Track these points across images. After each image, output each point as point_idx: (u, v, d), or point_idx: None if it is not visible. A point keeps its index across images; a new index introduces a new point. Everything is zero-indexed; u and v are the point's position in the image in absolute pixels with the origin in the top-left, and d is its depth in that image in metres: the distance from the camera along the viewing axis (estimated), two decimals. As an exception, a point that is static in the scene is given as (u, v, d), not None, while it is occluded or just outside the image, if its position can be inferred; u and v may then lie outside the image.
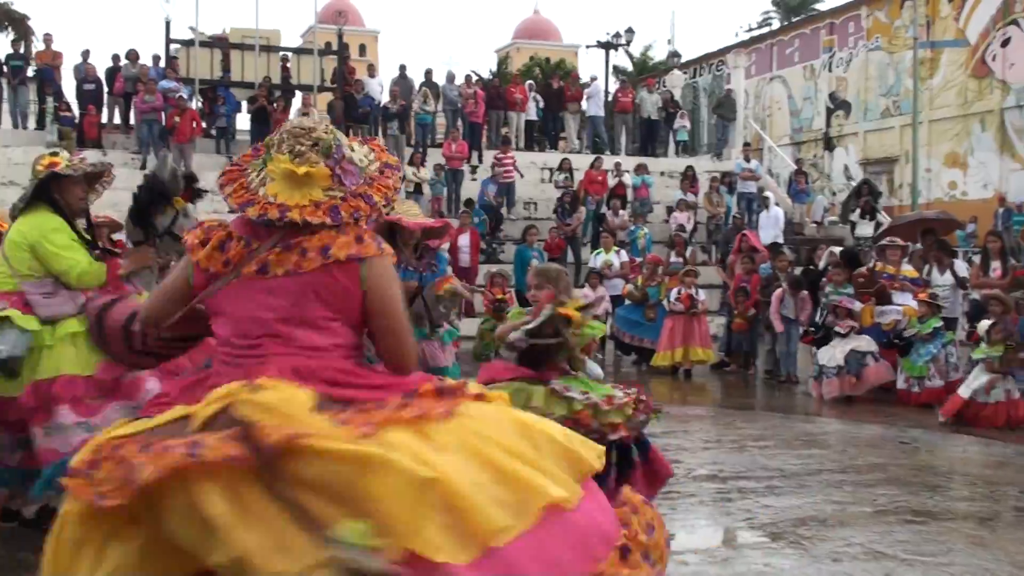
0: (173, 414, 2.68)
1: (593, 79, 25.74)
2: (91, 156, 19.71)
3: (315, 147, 3.02)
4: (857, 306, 11.43)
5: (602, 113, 24.19)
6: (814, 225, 22.62)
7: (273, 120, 20.77)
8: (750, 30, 44.43)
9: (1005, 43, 26.13)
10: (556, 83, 25.20)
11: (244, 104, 21.80)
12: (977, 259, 12.71)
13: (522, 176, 20.67)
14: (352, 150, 3.14)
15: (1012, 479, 7.41)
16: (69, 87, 21.56)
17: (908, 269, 12.05)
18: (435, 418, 2.66)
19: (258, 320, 2.89)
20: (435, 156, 20.78)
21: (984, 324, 9.79)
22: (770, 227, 19.16)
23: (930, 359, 10.77)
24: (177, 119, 19.29)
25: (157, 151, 19.74)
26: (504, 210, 20.29)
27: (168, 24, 22.82)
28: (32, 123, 22.10)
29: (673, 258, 15.96)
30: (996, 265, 12.00)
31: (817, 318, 12.08)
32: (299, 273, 2.89)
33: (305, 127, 3.08)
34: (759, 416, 10.52)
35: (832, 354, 11.21)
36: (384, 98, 22.19)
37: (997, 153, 26.25)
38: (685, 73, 32.84)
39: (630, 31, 37.28)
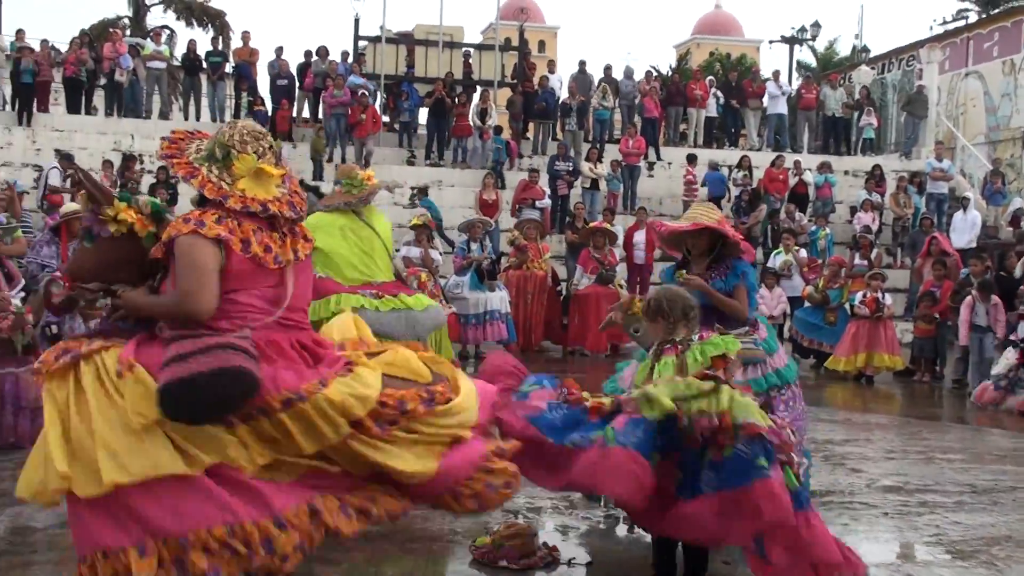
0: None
1: (776, 74, 25.08)
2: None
3: (271, 149, 3.55)
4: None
5: (785, 111, 23.56)
6: (1009, 229, 21.41)
7: (452, 114, 21.21)
8: (944, 23, 42.40)
9: None
10: (734, 80, 24.70)
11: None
12: None
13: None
14: None
15: None
16: (263, 83, 22.53)
17: None
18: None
19: (303, 295, 3.61)
20: (612, 152, 20.72)
21: None
22: (966, 230, 18.20)
23: None
24: (363, 116, 19.89)
25: (343, 145, 20.45)
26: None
27: (357, 21, 23.57)
28: (228, 117, 23.20)
29: (857, 260, 15.41)
30: None
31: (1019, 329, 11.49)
32: (307, 257, 3.66)
33: (260, 131, 3.57)
34: (947, 428, 10.05)
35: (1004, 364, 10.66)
36: (563, 94, 22.26)
37: None
38: (873, 68, 31.65)
39: (816, 25, 36.32)
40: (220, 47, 24.73)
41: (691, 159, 20.43)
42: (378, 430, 3.41)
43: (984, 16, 38.16)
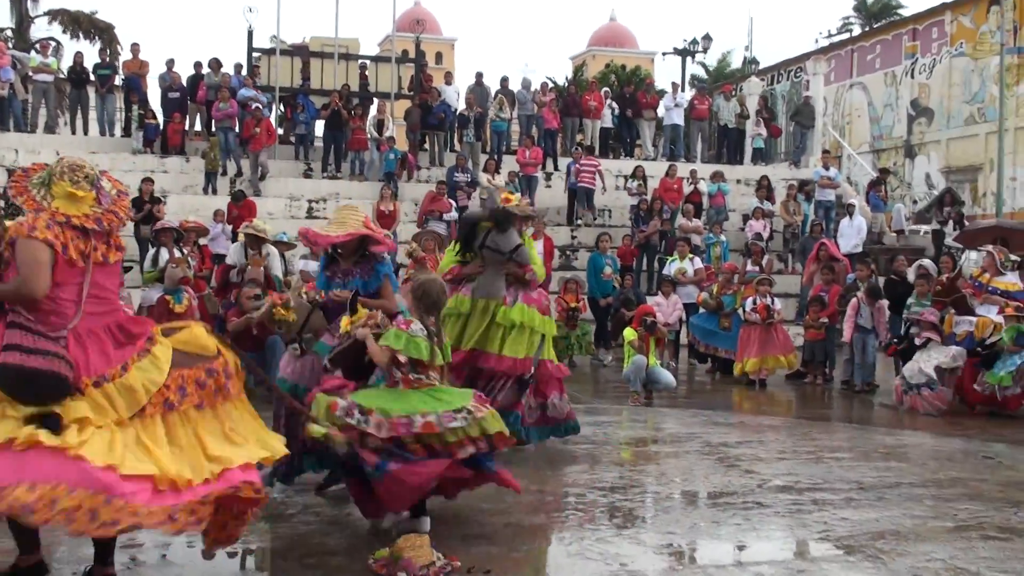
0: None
1: (675, 86, 25.56)
2: (175, 163, 20.02)
3: (86, 178, 4.40)
4: (937, 317, 11.25)
5: (681, 122, 24.01)
6: (894, 234, 22.19)
7: (349, 127, 21.07)
8: (830, 36, 43.69)
9: (1096, 48, 25.41)
10: (628, 92, 25.07)
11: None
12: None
13: (604, 185, 20.63)
14: (104, 182, 4.51)
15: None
16: (155, 96, 22.10)
17: (1007, 280, 11.67)
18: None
19: (112, 288, 4.50)
20: (510, 163, 20.85)
21: None
22: (852, 236, 18.79)
23: (1014, 369, 10.50)
24: (257, 129, 19.63)
25: (236, 158, 20.15)
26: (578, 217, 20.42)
27: (251, 33, 23.26)
28: (119, 130, 22.67)
29: (749, 267, 15.80)
30: (1086, 277, 11.67)
31: (902, 330, 11.93)
32: (116, 262, 4.53)
33: (78, 164, 4.44)
34: (836, 427, 10.36)
35: (914, 369, 11.00)
36: (460, 105, 22.31)
37: (1086, 161, 25.51)
38: (763, 80, 32.49)
39: (707, 38, 37.08)
40: (108, 59, 24.13)
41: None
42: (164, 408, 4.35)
43: (867, 29, 39.52)
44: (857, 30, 42.71)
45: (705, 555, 5.47)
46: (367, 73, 23.60)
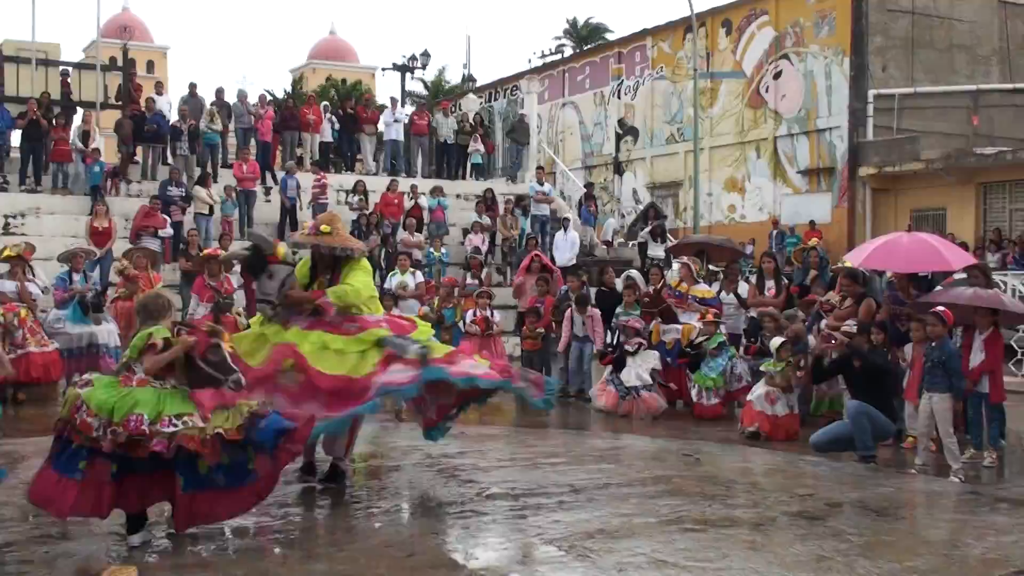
0: None
1: (395, 102, 25.73)
2: None
3: None
4: (643, 325, 11.96)
5: (401, 137, 24.20)
6: (604, 247, 23.35)
7: (50, 137, 19.78)
8: (543, 56, 45.55)
9: (777, 76, 27.88)
10: (349, 106, 25.00)
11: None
12: (754, 279, 13.49)
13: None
14: None
15: (784, 486, 7.87)
16: None
17: (702, 288, 12.64)
18: None
19: None
20: (227, 177, 20.28)
21: (776, 341, 10.38)
22: (567, 249, 19.65)
23: (720, 371, 11.36)
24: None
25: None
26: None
27: (-67, 34, 21.40)
28: None
29: (469, 280, 16.14)
30: (771, 284, 12.80)
31: (610, 339, 12.57)
32: None
33: None
34: (552, 434, 10.78)
35: (631, 375, 11.64)
36: (173, 116, 21.46)
37: (771, 179, 27.92)
38: (480, 97, 33.35)
39: (426, 55, 37.70)
40: None
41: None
42: None
43: (577, 51, 41.45)
44: (569, 52, 44.74)
45: (425, 563, 5.53)
46: (69, 80, 22.26)
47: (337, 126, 23.77)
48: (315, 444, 7.20)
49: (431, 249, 18.77)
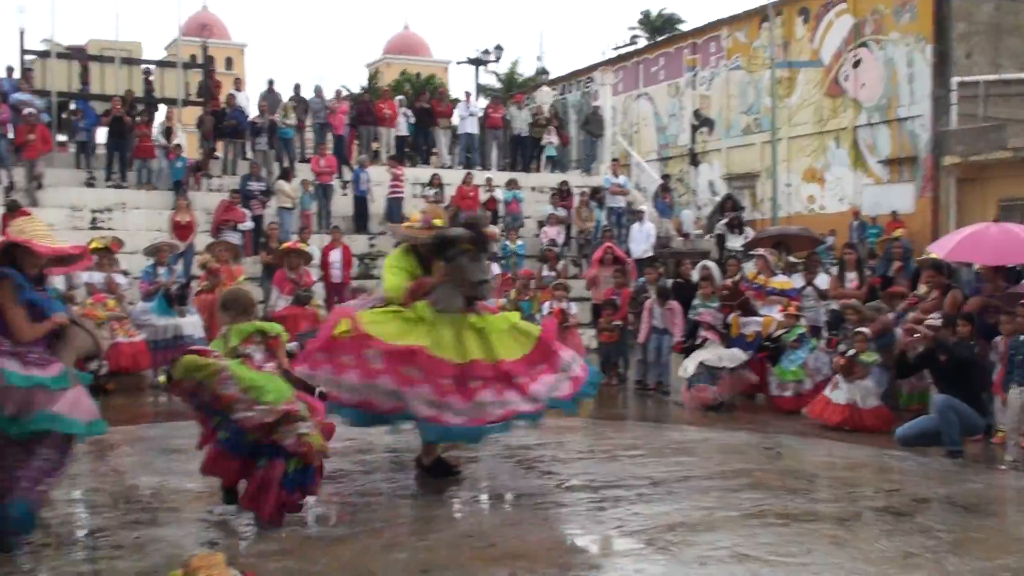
0: None
1: (468, 95, 25.82)
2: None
3: None
4: (717, 319, 11.82)
5: (476, 131, 24.29)
6: (680, 239, 23.16)
7: (134, 133, 20.22)
8: (617, 48, 45.28)
9: (856, 64, 27.32)
10: (424, 101, 25.13)
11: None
12: (835, 271, 13.24)
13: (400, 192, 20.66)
14: None
15: (869, 480, 7.74)
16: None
17: (780, 280, 12.45)
18: None
19: None
20: (304, 171, 20.55)
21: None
22: (642, 241, 19.53)
23: (801, 364, 11.17)
24: (31, 136, 18.52)
25: (8, 166, 18.95)
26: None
27: (22, 34, 22.03)
28: None
29: (545, 272, 16.12)
30: (852, 276, 12.53)
31: (688, 331, 12.46)
32: None
33: None
34: (630, 426, 10.73)
35: (687, 366, 11.54)
36: (252, 112, 21.81)
37: (851, 169, 27.39)
38: (554, 89, 33.28)
39: (499, 48, 37.71)
40: None
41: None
42: None
43: (651, 42, 41.12)
44: (643, 43, 44.41)
45: (506, 554, 5.54)
46: (152, 78, 22.74)
47: (412, 120, 23.92)
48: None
49: (507, 242, 18.80)
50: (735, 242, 19.48)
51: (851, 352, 10.15)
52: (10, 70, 21.09)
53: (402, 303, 6.97)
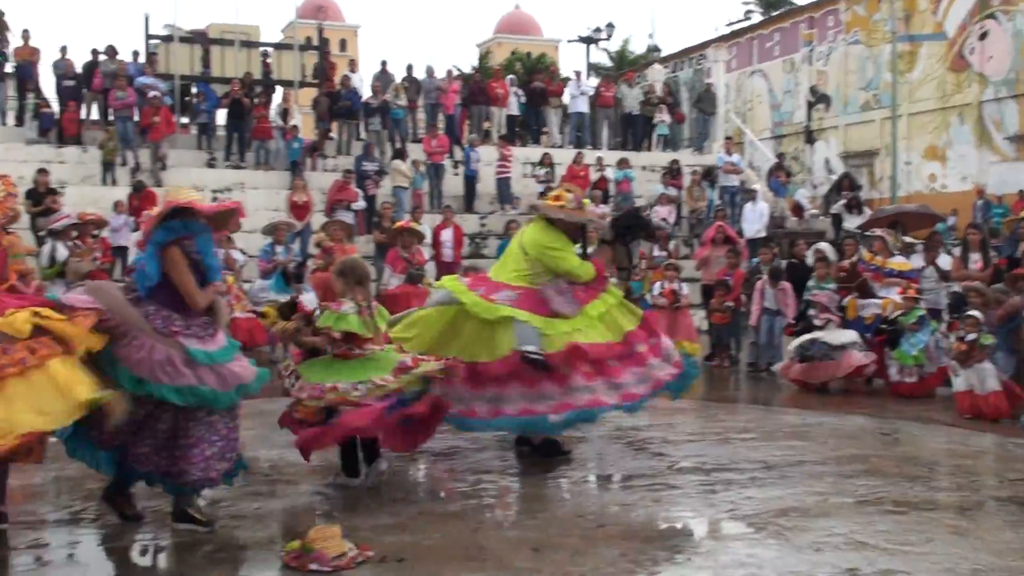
0: None
1: (579, 74, 25.72)
2: (72, 153, 19.38)
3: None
4: (833, 300, 11.55)
5: (587, 109, 24.19)
6: (795, 218, 22.70)
7: (252, 115, 20.73)
8: (730, 24, 44.50)
9: (983, 36, 26.32)
10: (535, 80, 25.12)
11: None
12: (958, 251, 12.80)
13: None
14: None
15: (992, 469, 7.50)
16: (49, 83, 21.44)
17: (899, 261, 12.09)
18: None
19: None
20: (416, 151, 20.77)
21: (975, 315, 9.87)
22: (755, 220, 19.22)
23: (923, 347, 10.79)
24: (156, 118, 19.18)
25: (134, 148, 19.66)
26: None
27: (147, 20, 22.72)
28: (11, 120, 21.96)
29: (656, 252, 15.98)
30: (976, 257, 12.07)
31: (801, 312, 12.21)
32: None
33: None
34: (742, 409, 10.60)
35: (792, 344, 11.34)
36: (365, 92, 22.13)
37: (975, 146, 26.44)
38: (666, 67, 32.91)
39: (611, 26, 37.39)
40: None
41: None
42: None
43: (766, 18, 40.28)
44: (757, 18, 43.53)
45: (616, 534, 5.55)
46: (269, 61, 23.25)
47: (523, 99, 23.94)
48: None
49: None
50: (852, 222, 18.99)
51: (971, 337, 9.78)
52: (135, 55, 21.82)
53: (593, 283, 7.24)
